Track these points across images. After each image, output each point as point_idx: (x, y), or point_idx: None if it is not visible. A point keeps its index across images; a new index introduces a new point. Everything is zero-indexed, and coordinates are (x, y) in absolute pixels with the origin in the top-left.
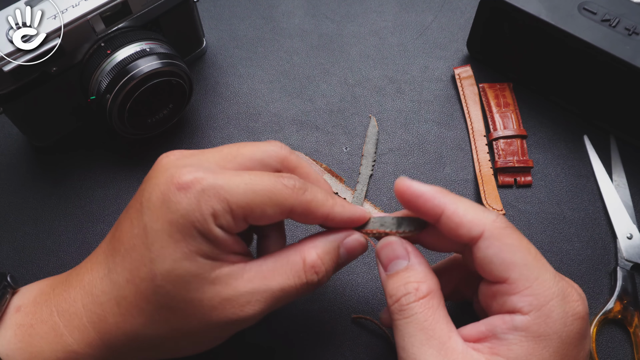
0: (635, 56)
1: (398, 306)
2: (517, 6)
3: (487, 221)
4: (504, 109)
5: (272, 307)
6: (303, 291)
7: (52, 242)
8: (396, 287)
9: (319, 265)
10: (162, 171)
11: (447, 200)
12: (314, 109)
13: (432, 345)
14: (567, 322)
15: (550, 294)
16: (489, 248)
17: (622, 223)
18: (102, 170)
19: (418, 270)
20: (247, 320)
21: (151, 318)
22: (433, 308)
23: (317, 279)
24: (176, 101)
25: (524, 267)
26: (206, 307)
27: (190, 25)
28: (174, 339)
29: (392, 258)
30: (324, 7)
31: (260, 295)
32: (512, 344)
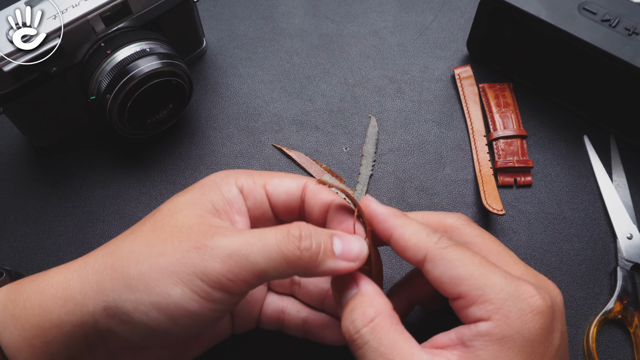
0: (635, 56)
1: (349, 337)
2: (517, 6)
3: (430, 244)
4: (504, 109)
5: (247, 251)
6: (283, 245)
7: (52, 242)
8: (345, 317)
9: (305, 227)
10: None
11: (396, 224)
12: (314, 109)
13: None
14: (527, 319)
15: (503, 296)
16: (435, 269)
17: (622, 223)
18: (102, 170)
19: (365, 295)
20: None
21: (134, 235)
22: (385, 329)
23: (299, 230)
24: (176, 101)
25: (470, 277)
26: (184, 230)
27: (190, 25)
28: (142, 258)
29: (343, 290)
30: (324, 7)
31: (241, 231)
32: (478, 349)
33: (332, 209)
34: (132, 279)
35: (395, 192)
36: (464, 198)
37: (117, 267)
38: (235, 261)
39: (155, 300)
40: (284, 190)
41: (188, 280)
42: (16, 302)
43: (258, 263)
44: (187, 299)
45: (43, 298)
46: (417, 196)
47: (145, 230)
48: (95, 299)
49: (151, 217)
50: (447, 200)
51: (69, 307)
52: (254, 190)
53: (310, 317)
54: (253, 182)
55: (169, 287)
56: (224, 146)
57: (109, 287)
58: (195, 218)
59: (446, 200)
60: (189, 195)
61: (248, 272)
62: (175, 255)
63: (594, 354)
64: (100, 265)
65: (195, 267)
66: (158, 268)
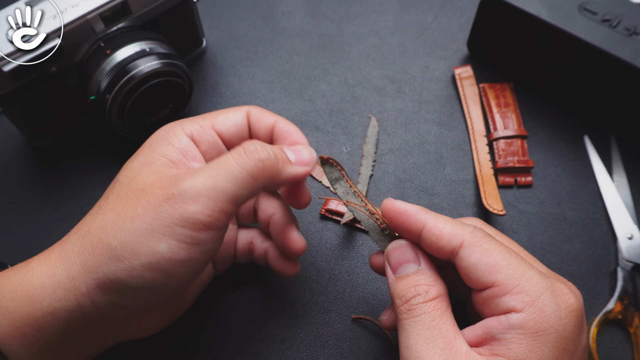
0: (635, 56)
1: (407, 306)
2: (517, 6)
3: (466, 232)
4: (504, 109)
5: (214, 183)
6: (242, 161)
7: (52, 242)
8: (406, 288)
9: (257, 142)
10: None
11: (427, 216)
12: (314, 109)
13: (436, 344)
14: (562, 315)
15: (540, 289)
16: (471, 255)
17: (622, 223)
18: (102, 170)
19: (428, 274)
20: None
21: (102, 209)
22: (441, 310)
23: (252, 144)
24: (176, 101)
25: (508, 267)
26: (147, 189)
27: (190, 25)
28: (118, 228)
29: (403, 261)
30: (324, 7)
31: (199, 170)
32: (511, 342)
33: (276, 129)
34: (116, 250)
35: (395, 192)
36: (464, 198)
37: (96, 243)
38: (207, 196)
39: (146, 261)
40: (232, 124)
41: (170, 232)
42: (2, 294)
43: (228, 189)
44: (175, 250)
45: (30, 289)
46: (417, 196)
47: (111, 203)
48: (85, 279)
49: (112, 188)
50: (447, 200)
51: (59, 294)
52: (205, 134)
53: (270, 248)
54: (200, 126)
55: (154, 244)
56: None
57: (95, 264)
58: (153, 175)
59: (446, 200)
60: (141, 157)
61: (222, 202)
62: (149, 213)
63: (594, 354)
64: (79, 247)
65: (172, 217)
66: (137, 231)
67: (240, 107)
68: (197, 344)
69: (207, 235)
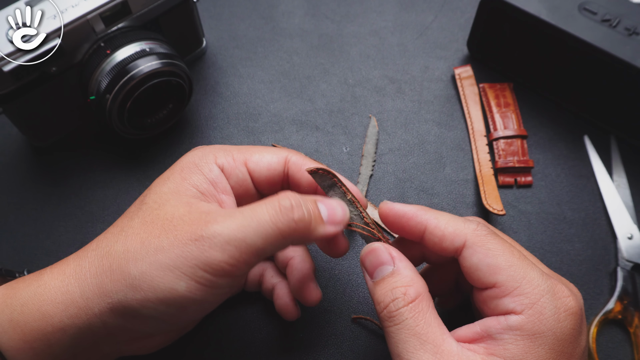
0: (635, 56)
1: (387, 313)
2: (517, 6)
3: (468, 231)
4: (504, 109)
5: (244, 234)
6: (276, 219)
7: (52, 242)
8: (383, 293)
9: (293, 197)
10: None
11: (428, 217)
12: (314, 109)
13: (426, 350)
14: (560, 318)
15: (540, 292)
16: (473, 255)
17: (622, 223)
18: (102, 170)
19: (404, 274)
20: (218, 245)
21: (126, 232)
22: (423, 311)
23: (289, 201)
24: (176, 101)
25: (509, 268)
26: (175, 222)
27: (190, 25)
28: (140, 257)
29: (377, 264)
30: (324, 7)
31: (231, 214)
32: (508, 343)
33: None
34: (135, 279)
35: (395, 192)
36: (464, 198)
37: (115, 268)
38: (234, 247)
39: (162, 296)
40: (265, 166)
41: (191, 272)
42: (13, 307)
43: (256, 243)
44: (193, 290)
45: (42, 303)
46: (417, 196)
47: (135, 227)
48: (99, 302)
49: (138, 211)
50: (447, 200)
51: (71, 311)
52: (235, 169)
53: (278, 285)
54: (233, 160)
55: (173, 282)
56: None
57: (112, 289)
58: (183, 207)
59: (446, 200)
60: (171, 183)
61: (248, 254)
62: (174, 249)
63: (594, 354)
64: (97, 268)
65: (197, 259)
66: (158, 265)
67: (279, 149)
68: (197, 344)
69: (227, 280)
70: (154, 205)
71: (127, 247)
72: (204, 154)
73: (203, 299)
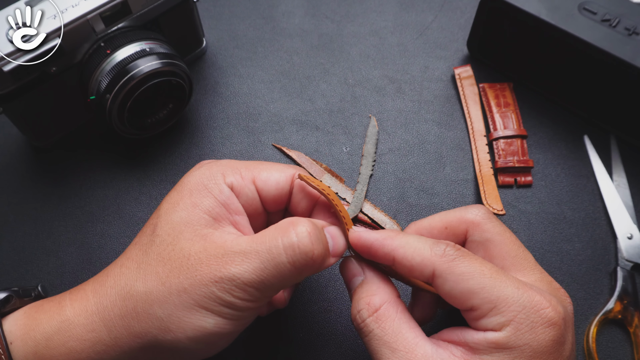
0: (635, 56)
1: (356, 325)
2: (517, 6)
3: (435, 258)
4: (504, 108)
5: (262, 277)
6: (294, 260)
7: (52, 242)
8: (353, 305)
9: (313, 231)
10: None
11: (395, 245)
12: (314, 109)
13: (399, 357)
14: (537, 331)
15: (515, 308)
16: (445, 284)
17: (622, 223)
18: (102, 170)
19: (371, 283)
20: (239, 286)
21: (144, 270)
22: (390, 319)
23: (307, 238)
24: (176, 101)
25: (482, 290)
26: (193, 260)
27: (190, 25)
28: (164, 298)
29: (350, 276)
30: (324, 7)
31: (248, 254)
32: (483, 354)
33: (319, 205)
34: (162, 321)
35: (395, 192)
36: (464, 198)
37: (140, 310)
38: (255, 289)
39: (192, 334)
40: (273, 185)
41: (217, 310)
42: (37, 340)
43: (274, 284)
44: (221, 325)
45: (67, 339)
46: (417, 196)
47: (152, 264)
48: (129, 342)
49: (152, 244)
50: (447, 200)
51: (98, 348)
52: (245, 187)
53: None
54: (242, 178)
55: (201, 320)
56: (224, 146)
57: (141, 331)
58: (198, 242)
59: (446, 200)
60: (182, 212)
61: (268, 292)
62: (196, 291)
63: (594, 354)
64: (120, 310)
65: (221, 299)
66: (183, 306)
67: (286, 167)
68: None
69: (250, 313)
70: (168, 239)
71: (149, 288)
72: (212, 174)
73: (231, 331)
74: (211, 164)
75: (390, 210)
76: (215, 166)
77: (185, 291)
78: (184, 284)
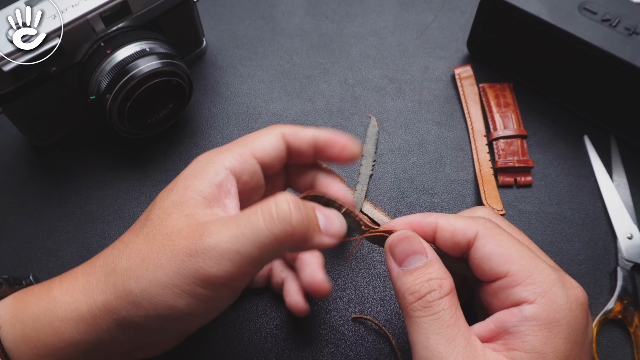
0: (635, 56)
1: (423, 303)
2: (517, 6)
3: (478, 223)
4: (504, 108)
5: (237, 246)
6: (272, 226)
7: (52, 242)
8: (418, 283)
9: (292, 199)
10: None
11: (436, 216)
12: (314, 109)
13: (458, 343)
14: (572, 307)
15: (551, 281)
16: (486, 245)
17: (622, 223)
18: (102, 170)
19: (437, 267)
20: (213, 258)
21: (130, 249)
22: (455, 306)
23: (285, 204)
24: (176, 101)
25: (521, 258)
26: (174, 237)
27: (190, 25)
28: (140, 274)
29: (410, 253)
30: (324, 7)
31: (226, 224)
32: (526, 335)
33: (319, 142)
34: (136, 297)
35: (395, 192)
36: (464, 198)
37: (118, 285)
38: (229, 260)
39: (163, 312)
40: (271, 149)
41: (190, 290)
42: (25, 322)
43: (252, 254)
44: (193, 307)
45: (52, 319)
46: (417, 196)
47: (139, 243)
48: (106, 318)
49: (143, 227)
50: (447, 200)
51: (81, 328)
52: (246, 164)
53: (288, 280)
54: (241, 156)
55: (173, 299)
56: None
57: (116, 306)
58: (182, 220)
59: (446, 200)
60: (174, 195)
61: (244, 266)
62: (171, 267)
63: (594, 353)
64: (103, 285)
65: (194, 276)
66: (158, 282)
67: (270, 128)
68: (197, 344)
69: (226, 293)
70: (157, 221)
71: (130, 264)
72: (210, 159)
73: (203, 312)
74: (207, 153)
75: (390, 210)
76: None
77: (161, 267)
78: (161, 259)
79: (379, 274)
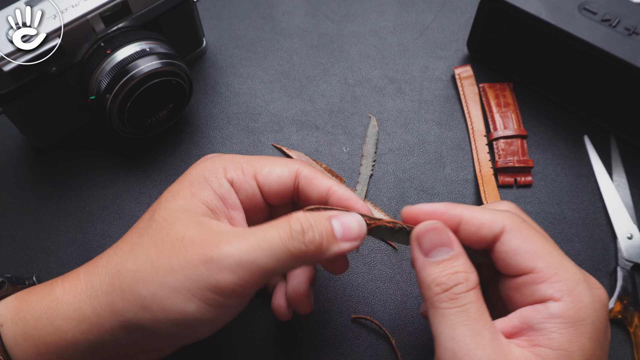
0: (635, 56)
1: (450, 295)
2: (517, 6)
3: (505, 217)
4: (504, 108)
5: (254, 257)
6: (291, 248)
7: (52, 242)
8: (445, 275)
9: (305, 219)
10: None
11: (461, 209)
12: (314, 109)
13: (484, 337)
14: (597, 307)
15: (577, 279)
16: (512, 240)
17: (622, 223)
18: (102, 170)
19: (463, 260)
20: (228, 267)
21: (136, 251)
22: (481, 300)
23: (300, 227)
24: (176, 101)
25: (548, 255)
26: (186, 242)
27: (190, 25)
28: (150, 278)
29: (438, 244)
30: (324, 7)
31: (243, 235)
32: (552, 332)
33: (332, 197)
34: (145, 300)
35: (395, 192)
36: (464, 198)
37: (125, 288)
38: (245, 269)
39: (172, 317)
40: (275, 180)
41: (201, 295)
42: (26, 320)
43: (266, 265)
44: (202, 312)
45: (54, 318)
46: (417, 196)
47: (145, 246)
48: (111, 320)
49: (148, 228)
50: (447, 200)
51: (83, 327)
52: (245, 183)
53: (278, 285)
54: (243, 173)
55: (183, 303)
56: (224, 146)
57: (122, 308)
58: (193, 227)
59: (446, 200)
60: (181, 200)
61: (258, 276)
62: (184, 271)
63: None
64: (108, 287)
65: (206, 282)
66: (168, 286)
67: (289, 162)
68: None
69: (236, 301)
70: (164, 223)
71: (138, 267)
72: (213, 167)
73: (212, 319)
74: (214, 158)
75: (390, 210)
76: (218, 160)
77: (173, 272)
78: (172, 264)
79: (379, 274)
